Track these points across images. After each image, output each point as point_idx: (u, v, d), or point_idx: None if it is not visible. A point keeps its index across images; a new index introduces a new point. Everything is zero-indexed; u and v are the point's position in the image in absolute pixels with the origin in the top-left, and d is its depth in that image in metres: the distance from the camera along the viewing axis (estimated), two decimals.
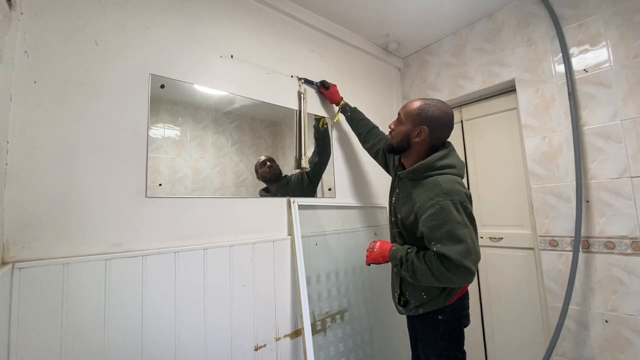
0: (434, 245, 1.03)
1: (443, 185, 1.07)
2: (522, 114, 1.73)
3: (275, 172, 1.58)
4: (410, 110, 1.18)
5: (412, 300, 1.20)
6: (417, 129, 1.16)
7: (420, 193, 1.12)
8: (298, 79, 1.71)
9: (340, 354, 1.59)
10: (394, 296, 1.30)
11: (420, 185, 1.14)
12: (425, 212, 1.06)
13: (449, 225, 1.02)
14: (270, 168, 1.56)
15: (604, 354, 1.41)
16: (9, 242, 0.90)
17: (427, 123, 1.15)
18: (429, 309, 1.16)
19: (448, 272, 1.00)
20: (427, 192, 1.09)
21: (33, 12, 0.99)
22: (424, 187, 1.12)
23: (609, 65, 1.45)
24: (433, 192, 1.07)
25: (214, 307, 1.25)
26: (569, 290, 1.47)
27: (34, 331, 0.90)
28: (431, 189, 1.09)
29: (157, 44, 1.24)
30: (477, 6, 1.83)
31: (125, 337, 1.04)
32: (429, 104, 1.17)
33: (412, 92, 2.34)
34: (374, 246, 1.26)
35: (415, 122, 1.16)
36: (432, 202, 1.06)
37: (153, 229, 1.15)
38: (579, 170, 1.48)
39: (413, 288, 1.19)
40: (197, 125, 1.35)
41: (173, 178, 1.25)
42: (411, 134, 1.17)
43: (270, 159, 1.58)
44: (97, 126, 1.07)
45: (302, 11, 1.75)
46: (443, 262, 1.01)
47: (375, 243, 1.26)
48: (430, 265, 1.04)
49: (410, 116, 1.17)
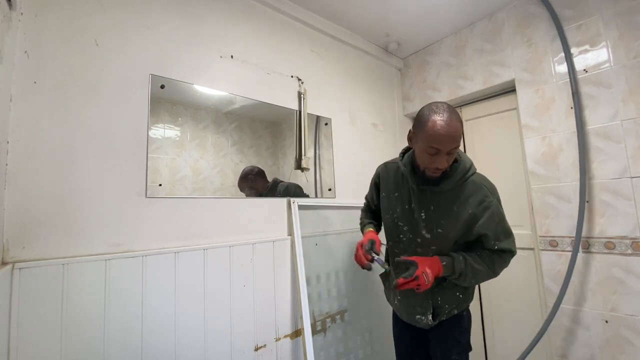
0: (496, 244, 1.07)
1: (485, 183, 1.08)
2: (522, 114, 1.73)
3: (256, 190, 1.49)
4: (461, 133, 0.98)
5: (447, 304, 1.14)
6: None
7: (465, 199, 1.06)
8: (298, 79, 1.70)
9: (340, 354, 1.59)
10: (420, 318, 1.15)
11: (459, 191, 1.06)
12: (483, 215, 1.04)
13: (502, 221, 1.08)
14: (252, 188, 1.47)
15: (604, 354, 1.41)
16: (9, 242, 0.90)
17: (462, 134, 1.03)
18: (462, 307, 1.18)
19: (505, 263, 1.10)
20: (474, 197, 1.05)
21: (33, 12, 0.99)
22: (466, 192, 1.06)
23: (609, 66, 1.45)
24: (481, 195, 1.05)
25: (214, 307, 1.25)
26: (564, 289, 1.48)
27: (34, 331, 0.90)
28: (477, 192, 1.06)
29: (157, 44, 1.24)
30: (477, 6, 1.83)
31: (125, 337, 1.04)
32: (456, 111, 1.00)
33: (412, 92, 2.34)
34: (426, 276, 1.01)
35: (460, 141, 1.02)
36: (484, 204, 1.05)
37: (153, 229, 1.15)
38: (583, 171, 1.48)
39: (449, 292, 1.14)
40: (197, 125, 1.35)
41: (173, 178, 1.25)
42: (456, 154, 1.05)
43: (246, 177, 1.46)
44: (97, 126, 1.07)
45: (302, 11, 1.76)
46: (503, 256, 1.09)
47: (425, 270, 1.01)
48: (490, 264, 1.08)
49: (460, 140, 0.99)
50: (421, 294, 1.09)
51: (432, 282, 1.02)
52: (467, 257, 1.07)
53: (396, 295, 1.25)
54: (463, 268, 1.05)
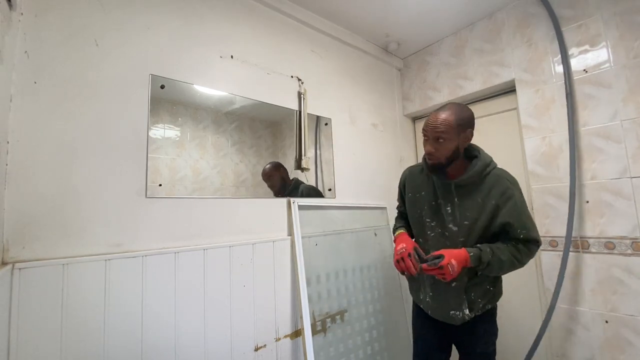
0: (521, 232, 1.10)
1: (506, 176, 1.16)
2: (522, 114, 1.73)
3: (275, 187, 1.56)
4: (450, 124, 1.12)
5: (480, 299, 1.16)
6: (462, 135, 1.14)
7: (488, 191, 1.14)
8: (298, 79, 1.70)
9: (340, 354, 1.59)
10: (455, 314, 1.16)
11: (482, 184, 1.16)
12: (505, 204, 1.11)
13: (525, 210, 1.13)
14: (270, 185, 1.54)
15: (604, 354, 1.41)
16: (9, 242, 0.90)
17: (469, 124, 1.16)
18: (495, 301, 1.21)
19: (531, 252, 1.12)
20: (496, 188, 1.14)
21: (33, 13, 0.99)
22: (488, 184, 1.15)
23: (608, 66, 1.45)
24: (503, 186, 1.13)
25: (214, 307, 1.25)
26: (557, 288, 1.50)
27: (34, 331, 0.90)
28: (499, 183, 1.14)
29: (157, 44, 1.24)
30: (477, 6, 1.83)
31: (125, 337, 1.04)
32: (457, 109, 1.15)
33: (412, 92, 2.34)
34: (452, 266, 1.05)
35: (459, 131, 1.13)
36: (507, 194, 1.12)
37: (153, 229, 1.15)
38: (573, 170, 1.50)
39: (480, 287, 1.17)
40: (197, 125, 1.35)
41: (173, 178, 1.25)
42: (460, 144, 1.15)
43: (268, 173, 1.54)
44: (97, 126, 1.07)
45: (302, 11, 1.76)
46: (529, 245, 1.12)
47: (451, 261, 1.06)
48: (516, 254, 1.10)
49: (453, 129, 1.12)
50: (454, 289, 1.16)
51: (458, 272, 1.07)
52: (494, 248, 1.11)
53: (427, 293, 1.26)
54: (490, 258, 1.09)
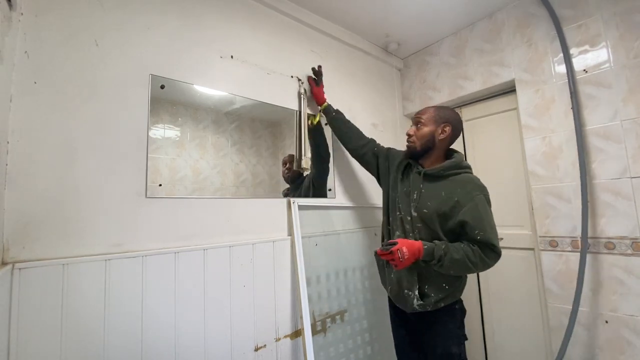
0: (478, 234, 1.11)
1: (476, 181, 1.20)
2: (522, 114, 1.73)
3: (291, 175, 1.62)
4: (431, 112, 1.29)
5: (433, 293, 1.19)
6: (440, 127, 1.26)
7: (454, 188, 1.19)
8: (298, 80, 1.71)
9: (340, 354, 1.59)
10: (407, 293, 1.22)
11: (450, 181, 1.21)
12: (467, 204, 1.15)
13: (488, 216, 1.14)
14: (288, 170, 1.61)
15: (604, 354, 1.41)
16: (9, 242, 0.90)
17: (449, 121, 1.26)
18: (449, 301, 1.20)
19: (487, 258, 1.12)
20: (463, 187, 1.18)
21: (33, 13, 0.99)
22: (456, 183, 1.20)
23: (608, 66, 1.45)
24: (470, 187, 1.17)
25: (213, 307, 1.24)
26: (578, 292, 1.45)
27: (33, 331, 0.90)
28: (466, 183, 1.19)
29: (157, 44, 1.24)
30: (477, 6, 1.83)
31: (125, 338, 1.04)
32: (444, 107, 1.33)
33: (412, 92, 2.34)
34: (402, 253, 1.10)
35: (438, 122, 1.26)
36: (471, 195, 1.15)
37: (153, 230, 1.15)
38: (583, 170, 1.47)
39: (434, 281, 1.19)
40: (197, 125, 1.35)
41: (173, 178, 1.25)
42: (435, 133, 1.26)
43: (288, 159, 1.62)
44: (97, 126, 1.07)
45: (302, 11, 1.76)
46: (485, 249, 1.12)
47: (402, 248, 1.10)
48: (470, 255, 1.11)
49: (432, 117, 1.27)
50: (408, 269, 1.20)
51: (408, 262, 1.11)
52: (450, 246, 1.14)
53: (391, 278, 1.33)
54: (442, 255, 1.12)
